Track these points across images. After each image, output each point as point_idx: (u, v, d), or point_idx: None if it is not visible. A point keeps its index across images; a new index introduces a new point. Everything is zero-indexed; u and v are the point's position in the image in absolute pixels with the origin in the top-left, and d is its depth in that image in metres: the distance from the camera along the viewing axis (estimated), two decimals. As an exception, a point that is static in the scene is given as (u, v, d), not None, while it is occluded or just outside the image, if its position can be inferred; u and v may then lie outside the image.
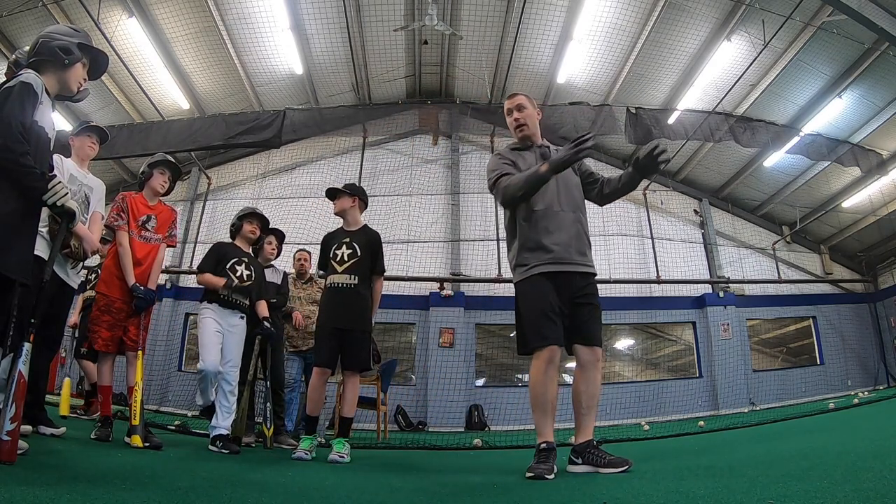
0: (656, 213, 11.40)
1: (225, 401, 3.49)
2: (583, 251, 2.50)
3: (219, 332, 3.53)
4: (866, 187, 10.23)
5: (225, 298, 3.59)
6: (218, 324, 3.54)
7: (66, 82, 2.13)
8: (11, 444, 1.80)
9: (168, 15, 8.63)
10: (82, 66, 2.17)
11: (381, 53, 10.37)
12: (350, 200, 3.53)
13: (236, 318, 3.64)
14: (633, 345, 11.69)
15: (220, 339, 3.53)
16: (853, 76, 8.40)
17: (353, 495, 1.81)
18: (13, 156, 1.82)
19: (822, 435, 3.53)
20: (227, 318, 3.59)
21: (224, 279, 3.60)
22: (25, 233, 1.95)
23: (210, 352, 3.45)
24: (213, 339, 3.49)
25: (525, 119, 2.66)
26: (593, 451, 2.26)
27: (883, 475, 1.61)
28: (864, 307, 11.42)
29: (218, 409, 3.48)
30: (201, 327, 3.54)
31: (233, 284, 3.62)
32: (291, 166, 11.41)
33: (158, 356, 9.47)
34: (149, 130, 8.70)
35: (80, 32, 2.21)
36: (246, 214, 3.89)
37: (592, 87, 10.43)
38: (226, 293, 3.59)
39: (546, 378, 2.32)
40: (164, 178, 3.49)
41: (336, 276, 3.34)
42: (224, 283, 3.58)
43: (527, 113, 2.67)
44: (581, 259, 2.48)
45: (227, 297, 3.59)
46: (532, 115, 2.69)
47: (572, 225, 2.50)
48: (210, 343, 3.47)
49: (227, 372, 3.52)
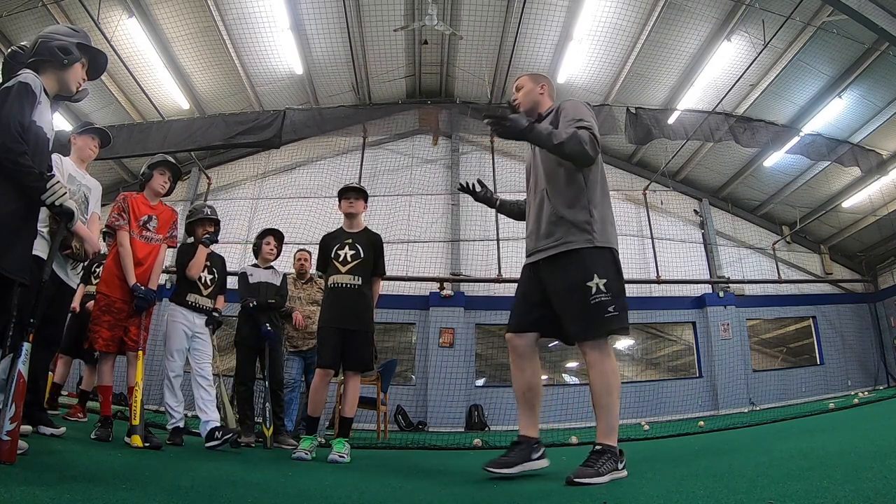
0: (656, 213, 11.39)
1: (207, 395, 3.60)
2: (550, 232, 2.23)
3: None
4: (866, 187, 10.23)
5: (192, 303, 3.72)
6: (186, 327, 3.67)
7: (65, 82, 2.13)
8: (11, 444, 1.80)
9: (168, 15, 8.63)
10: (81, 66, 2.17)
11: (381, 53, 10.37)
12: (364, 205, 3.62)
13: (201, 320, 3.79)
14: (633, 345, 11.68)
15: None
16: (853, 76, 8.40)
17: (353, 495, 1.81)
18: (12, 155, 1.82)
19: (822, 435, 3.53)
20: (195, 321, 3.71)
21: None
22: (25, 233, 1.96)
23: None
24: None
25: (519, 98, 2.51)
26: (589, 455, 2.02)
27: (883, 475, 1.61)
28: (864, 307, 11.42)
29: (203, 405, 3.56)
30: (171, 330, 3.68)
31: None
32: (291, 166, 11.41)
33: (158, 356, 9.45)
34: (149, 130, 8.70)
35: (79, 32, 2.21)
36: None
37: (592, 87, 10.43)
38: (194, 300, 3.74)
39: (512, 366, 2.31)
40: (164, 178, 3.50)
41: (340, 277, 3.34)
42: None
43: (523, 92, 2.51)
44: (544, 243, 2.25)
45: (194, 302, 3.72)
46: (528, 91, 2.50)
47: (537, 208, 2.33)
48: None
49: (203, 368, 3.65)
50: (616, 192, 11.52)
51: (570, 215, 2.19)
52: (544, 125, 2.17)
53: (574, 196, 2.21)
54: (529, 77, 2.53)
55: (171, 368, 3.57)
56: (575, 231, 2.17)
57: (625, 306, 2.12)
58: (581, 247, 2.14)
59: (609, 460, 1.97)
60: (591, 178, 2.25)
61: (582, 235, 2.16)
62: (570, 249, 2.15)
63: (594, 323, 2.07)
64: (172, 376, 3.56)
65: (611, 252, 2.19)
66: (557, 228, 2.20)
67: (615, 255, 2.20)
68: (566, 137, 2.10)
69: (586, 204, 2.20)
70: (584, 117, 2.19)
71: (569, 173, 2.24)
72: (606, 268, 2.13)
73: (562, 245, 2.18)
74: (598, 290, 2.08)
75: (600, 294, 2.07)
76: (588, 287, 2.08)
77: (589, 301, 2.07)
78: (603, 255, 2.16)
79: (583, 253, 2.14)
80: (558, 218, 2.21)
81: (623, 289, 2.15)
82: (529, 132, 2.09)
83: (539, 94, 2.49)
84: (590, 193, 2.22)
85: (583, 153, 2.12)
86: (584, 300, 2.08)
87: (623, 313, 2.10)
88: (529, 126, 2.09)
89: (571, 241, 2.16)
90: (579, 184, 2.22)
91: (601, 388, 2.07)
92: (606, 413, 2.07)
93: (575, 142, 2.10)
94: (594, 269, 2.11)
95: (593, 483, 1.86)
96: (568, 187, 2.23)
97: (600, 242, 2.16)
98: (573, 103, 2.31)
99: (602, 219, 2.21)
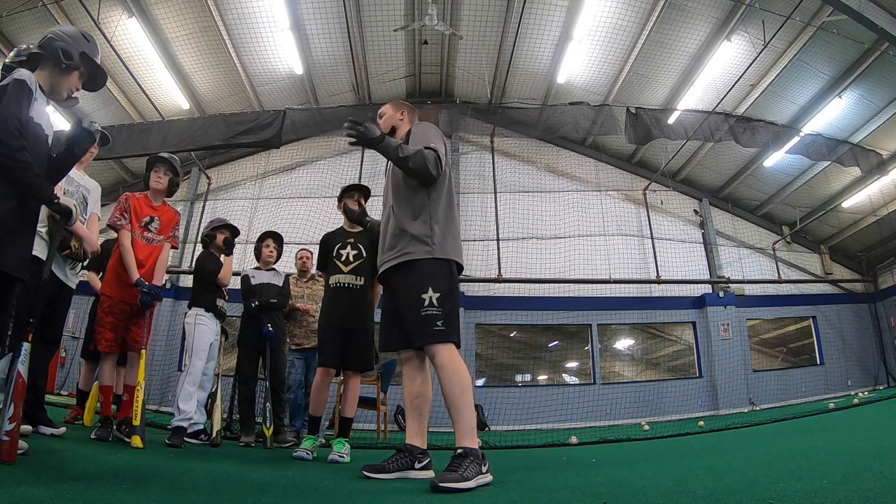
0: (656, 213, 11.39)
1: (203, 394, 3.85)
2: (392, 245, 2.33)
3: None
4: (866, 187, 10.23)
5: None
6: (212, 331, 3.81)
7: (58, 85, 2.11)
8: (11, 444, 1.80)
9: (168, 15, 8.63)
10: (79, 76, 2.15)
11: (381, 53, 10.37)
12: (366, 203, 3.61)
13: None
14: (633, 345, 11.68)
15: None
16: (853, 76, 8.39)
17: (353, 495, 1.81)
18: (9, 151, 1.81)
19: (822, 435, 3.53)
20: (216, 327, 3.87)
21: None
22: (24, 230, 1.95)
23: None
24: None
25: (381, 125, 2.60)
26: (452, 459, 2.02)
27: (883, 475, 1.61)
28: (864, 307, 11.43)
29: (199, 406, 3.75)
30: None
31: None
32: (291, 166, 11.42)
33: (158, 356, 9.47)
34: (149, 130, 8.70)
35: (90, 42, 2.19)
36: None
37: (592, 87, 10.43)
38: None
39: (403, 378, 2.42)
40: (157, 174, 3.48)
41: (342, 276, 3.32)
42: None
43: (384, 119, 2.63)
44: (388, 255, 2.34)
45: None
46: (389, 117, 2.63)
47: (384, 223, 2.44)
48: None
49: (209, 369, 3.87)
50: (616, 192, 11.53)
51: (412, 228, 2.29)
52: (394, 140, 2.33)
53: (416, 211, 2.32)
54: (391, 105, 2.68)
55: (194, 371, 3.60)
56: (415, 242, 2.26)
57: (454, 321, 2.21)
58: (420, 258, 2.24)
59: (473, 464, 1.94)
60: (435, 195, 2.36)
61: (421, 247, 2.25)
62: (409, 260, 2.25)
63: (423, 333, 2.16)
64: (194, 379, 3.60)
65: (448, 265, 2.28)
66: (399, 241, 2.30)
67: (452, 269, 2.30)
68: (412, 153, 2.26)
69: (428, 219, 2.30)
70: (433, 140, 2.37)
71: (413, 189, 2.35)
72: (441, 282, 2.22)
73: (403, 256, 2.27)
74: (431, 303, 2.17)
75: (431, 308, 2.16)
76: (422, 299, 2.17)
77: (419, 312, 2.17)
78: (440, 268, 2.25)
79: (420, 264, 2.23)
80: (401, 231, 2.31)
81: (455, 305, 2.24)
82: (380, 142, 2.22)
83: (399, 119, 2.63)
84: (432, 209, 2.33)
85: (425, 170, 2.27)
86: (416, 310, 2.17)
87: (451, 327, 2.18)
88: (381, 136, 2.24)
89: (411, 251, 2.26)
90: (422, 200, 2.33)
91: (455, 389, 2.09)
92: (461, 414, 2.08)
93: (419, 158, 2.26)
94: (429, 282, 2.20)
95: (460, 488, 1.82)
96: (411, 203, 2.34)
97: (439, 254, 2.26)
98: (423, 127, 2.49)
99: (443, 232, 2.31)
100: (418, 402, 2.36)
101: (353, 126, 2.21)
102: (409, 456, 2.25)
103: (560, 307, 10.24)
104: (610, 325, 10.86)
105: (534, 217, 10.94)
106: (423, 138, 2.37)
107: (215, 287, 3.89)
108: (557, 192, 11.35)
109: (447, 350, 2.15)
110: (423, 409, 2.36)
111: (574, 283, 10.17)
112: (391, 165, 2.44)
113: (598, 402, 9.38)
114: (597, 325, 10.52)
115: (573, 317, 10.37)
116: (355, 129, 2.21)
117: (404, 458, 2.24)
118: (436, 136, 2.42)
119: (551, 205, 11.11)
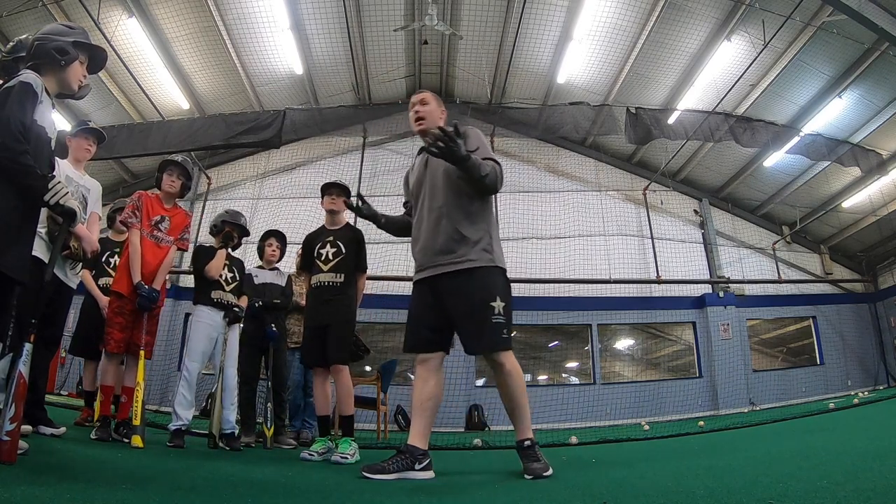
0: (656, 213, 11.39)
1: (230, 397, 3.68)
2: (451, 249, 2.29)
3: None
4: (866, 187, 10.23)
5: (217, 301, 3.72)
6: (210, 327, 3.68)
7: (66, 81, 2.12)
8: (11, 444, 1.80)
9: (168, 15, 8.62)
10: (80, 63, 2.16)
11: (381, 53, 10.36)
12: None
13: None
14: (633, 345, 11.68)
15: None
16: (853, 76, 8.39)
17: (353, 495, 1.81)
18: (12, 154, 1.81)
19: (822, 435, 3.53)
20: (219, 320, 3.71)
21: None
22: (25, 232, 1.95)
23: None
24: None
25: (424, 112, 2.57)
26: (523, 452, 2.27)
27: (883, 475, 1.62)
28: (864, 307, 11.42)
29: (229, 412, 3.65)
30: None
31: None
32: (291, 166, 11.41)
33: (158, 356, 9.46)
34: (149, 130, 8.69)
35: (75, 29, 2.19)
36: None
37: (592, 87, 10.43)
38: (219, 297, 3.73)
39: (418, 379, 2.40)
40: (171, 178, 3.52)
41: (322, 276, 3.34)
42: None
43: (429, 108, 2.59)
44: (444, 258, 2.30)
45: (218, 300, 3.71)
46: (433, 111, 2.59)
47: (433, 225, 2.37)
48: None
49: (229, 368, 3.70)
50: (616, 192, 11.53)
51: (472, 234, 2.30)
52: (477, 157, 2.27)
53: (473, 217, 2.34)
54: (435, 99, 2.66)
55: (190, 370, 3.52)
56: (478, 250, 2.28)
57: (511, 329, 2.32)
58: (484, 265, 2.27)
59: (540, 450, 2.23)
60: (487, 203, 2.43)
61: (484, 255, 2.29)
62: (473, 267, 2.26)
63: (493, 340, 2.23)
64: (189, 378, 3.51)
65: (505, 275, 2.34)
66: (460, 246, 2.29)
67: (507, 279, 2.36)
68: (489, 171, 2.26)
69: (486, 226, 2.35)
70: (491, 152, 2.39)
71: (470, 196, 2.36)
72: (504, 292, 2.28)
73: (466, 262, 2.27)
74: (499, 311, 2.22)
75: (500, 316, 2.23)
76: (492, 307, 2.22)
77: (490, 319, 2.21)
78: (501, 277, 2.31)
79: (484, 271, 2.27)
80: (461, 236, 2.30)
81: (511, 314, 2.31)
82: (465, 160, 2.18)
83: (439, 118, 2.63)
84: (487, 216, 2.39)
85: (494, 187, 2.32)
86: (485, 318, 2.21)
87: (510, 336, 2.30)
88: (467, 155, 2.18)
89: (474, 259, 2.27)
90: (478, 206, 2.37)
91: (518, 390, 2.29)
92: (524, 411, 2.32)
93: (493, 177, 2.28)
94: (497, 291, 2.25)
95: (548, 475, 2.07)
96: (467, 208, 2.35)
97: (500, 263, 2.33)
98: (477, 132, 2.46)
99: (497, 240, 2.37)
100: (429, 405, 2.34)
101: (442, 138, 2.09)
102: (410, 457, 2.25)
103: (560, 307, 10.24)
104: (610, 325, 10.86)
105: (534, 217, 10.93)
106: (485, 149, 2.37)
107: (210, 280, 3.76)
108: (557, 192, 11.35)
109: (512, 356, 2.28)
110: (432, 412, 2.36)
111: (574, 283, 10.17)
112: (436, 163, 2.37)
113: (598, 402, 9.38)
114: (597, 325, 10.52)
115: (573, 317, 10.37)
116: (446, 143, 2.10)
117: (405, 458, 2.24)
118: (488, 144, 2.44)
119: (551, 205, 11.11)
